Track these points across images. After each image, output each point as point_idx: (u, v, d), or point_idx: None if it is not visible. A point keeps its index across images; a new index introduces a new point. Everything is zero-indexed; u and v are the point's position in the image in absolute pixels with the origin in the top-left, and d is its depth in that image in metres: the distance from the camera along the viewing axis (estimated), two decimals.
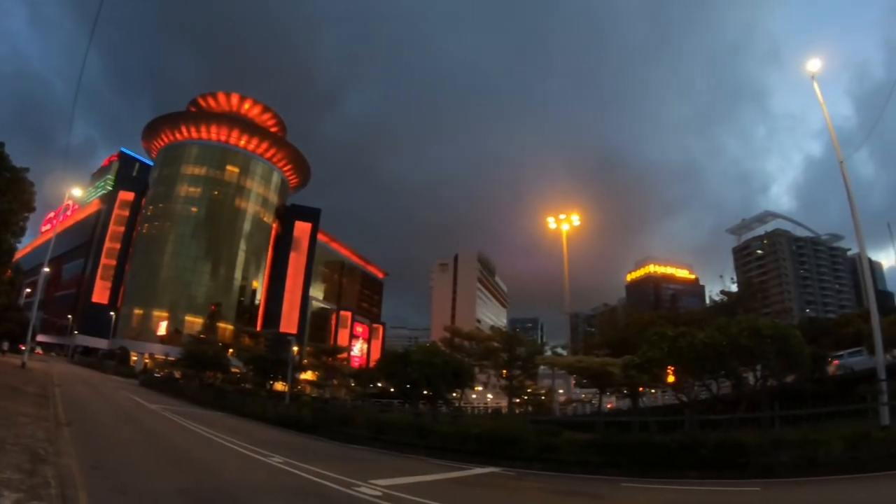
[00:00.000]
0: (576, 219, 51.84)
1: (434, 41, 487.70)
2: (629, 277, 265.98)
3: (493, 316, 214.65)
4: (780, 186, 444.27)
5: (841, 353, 53.12)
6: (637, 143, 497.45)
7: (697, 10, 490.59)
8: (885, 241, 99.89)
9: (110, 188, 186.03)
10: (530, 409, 61.09)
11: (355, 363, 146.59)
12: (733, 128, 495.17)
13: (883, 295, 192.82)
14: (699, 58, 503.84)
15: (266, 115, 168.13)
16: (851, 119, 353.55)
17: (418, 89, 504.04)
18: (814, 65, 33.20)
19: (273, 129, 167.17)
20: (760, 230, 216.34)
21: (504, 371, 56.48)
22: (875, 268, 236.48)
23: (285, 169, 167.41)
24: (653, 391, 47.38)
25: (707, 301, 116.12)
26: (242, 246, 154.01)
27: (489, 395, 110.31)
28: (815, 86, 33.03)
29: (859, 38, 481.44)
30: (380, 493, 14.72)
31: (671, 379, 35.90)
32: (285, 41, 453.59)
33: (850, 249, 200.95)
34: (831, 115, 33.66)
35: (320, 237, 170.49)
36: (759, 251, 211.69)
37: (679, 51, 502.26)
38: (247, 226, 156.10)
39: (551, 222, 51.84)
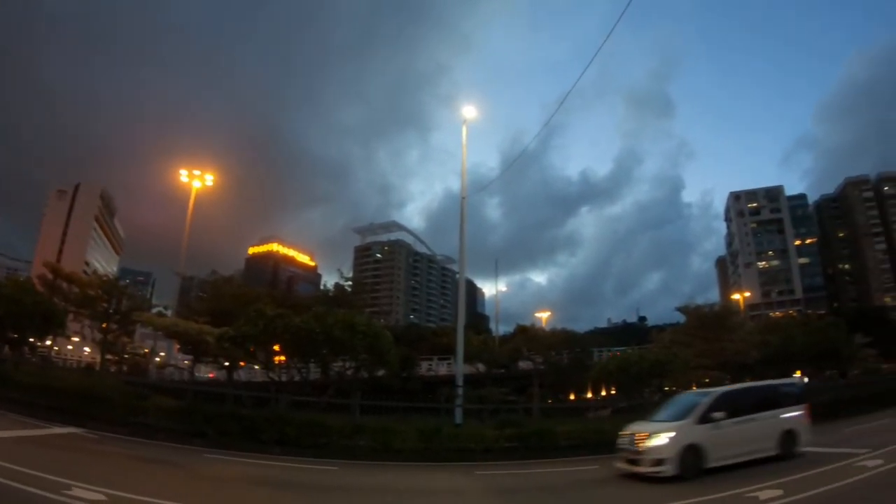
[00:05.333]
0: (210, 178, 50.06)
1: None
2: (251, 251, 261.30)
3: (104, 261, 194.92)
4: (416, 207, 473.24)
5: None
6: (302, 132, 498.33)
7: (402, 36, 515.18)
8: (492, 273, 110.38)
9: None
10: (125, 368, 56.94)
11: None
12: (391, 145, 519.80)
13: (479, 317, 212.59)
14: (386, 74, 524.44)
15: None
16: (495, 171, 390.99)
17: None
18: (469, 112, 37.24)
19: None
20: (385, 237, 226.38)
21: (104, 324, 52.20)
22: (478, 293, 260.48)
23: None
24: (256, 367, 47.06)
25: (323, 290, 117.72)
26: None
27: (87, 349, 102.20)
28: (464, 130, 37.22)
29: (529, 113, 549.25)
30: None
31: (274, 357, 35.81)
32: None
33: (459, 273, 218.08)
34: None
35: None
36: (379, 255, 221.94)
37: (371, 62, 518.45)
38: None
39: (184, 175, 49.35)
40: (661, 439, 16.83)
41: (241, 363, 45.81)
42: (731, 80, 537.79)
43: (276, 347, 34.09)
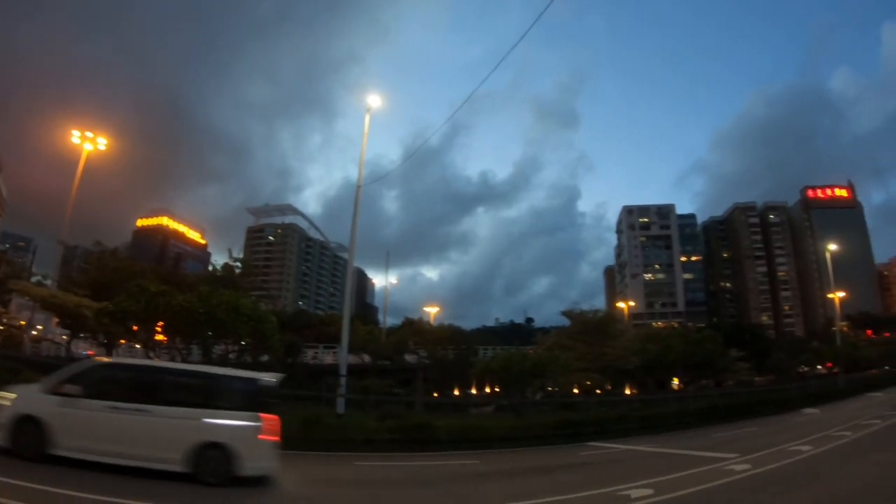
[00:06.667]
0: (103, 142, 47.94)
1: None
2: (140, 223, 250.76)
3: None
4: (313, 192, 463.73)
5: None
6: (205, 104, 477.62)
7: (318, 18, 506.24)
8: (384, 265, 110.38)
9: None
10: None
11: None
12: (295, 127, 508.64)
13: (368, 307, 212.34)
14: (298, 56, 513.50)
15: None
16: (397, 164, 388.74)
17: None
18: (374, 100, 36.93)
19: None
20: (279, 220, 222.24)
21: None
22: (368, 284, 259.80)
23: None
24: (137, 345, 45.72)
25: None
26: None
27: None
28: (367, 118, 36.76)
29: (438, 110, 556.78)
30: None
31: (159, 336, 34.86)
32: None
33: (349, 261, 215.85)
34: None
35: None
36: (272, 237, 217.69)
37: (285, 41, 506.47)
38: None
39: (76, 137, 46.98)
40: (4, 400, 13.46)
41: (122, 341, 44.37)
42: (636, 101, 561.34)
43: (159, 326, 33.23)
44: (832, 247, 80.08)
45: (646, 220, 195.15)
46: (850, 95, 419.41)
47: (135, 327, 33.50)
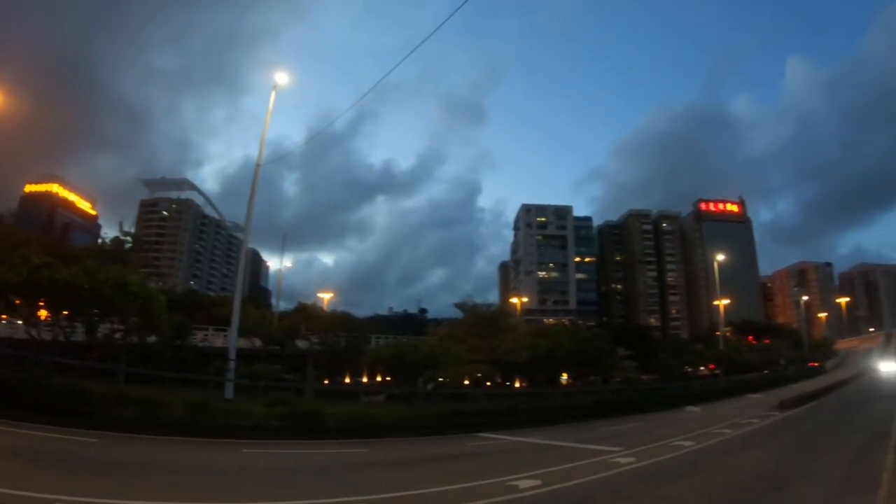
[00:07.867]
0: None
1: None
2: (28, 189, 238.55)
3: None
4: (213, 168, 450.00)
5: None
6: (106, 65, 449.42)
7: None
8: (279, 247, 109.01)
9: None
10: None
11: None
12: (199, 100, 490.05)
13: (262, 290, 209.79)
14: (210, 25, 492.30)
15: None
16: (299, 146, 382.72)
17: None
18: (281, 78, 36.47)
19: None
20: (175, 194, 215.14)
21: None
22: (262, 266, 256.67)
23: None
24: (20, 321, 43.67)
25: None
26: None
27: None
28: (273, 95, 36.21)
29: (347, 96, 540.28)
30: None
31: (43, 313, 33.21)
32: None
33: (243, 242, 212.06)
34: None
35: None
36: (166, 212, 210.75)
37: (197, 8, 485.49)
38: None
39: None
40: None
41: (3, 316, 42.33)
42: (543, 104, 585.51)
43: (42, 302, 31.76)
44: (720, 257, 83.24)
45: (543, 219, 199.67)
46: (749, 119, 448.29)
47: (17, 301, 31.87)
